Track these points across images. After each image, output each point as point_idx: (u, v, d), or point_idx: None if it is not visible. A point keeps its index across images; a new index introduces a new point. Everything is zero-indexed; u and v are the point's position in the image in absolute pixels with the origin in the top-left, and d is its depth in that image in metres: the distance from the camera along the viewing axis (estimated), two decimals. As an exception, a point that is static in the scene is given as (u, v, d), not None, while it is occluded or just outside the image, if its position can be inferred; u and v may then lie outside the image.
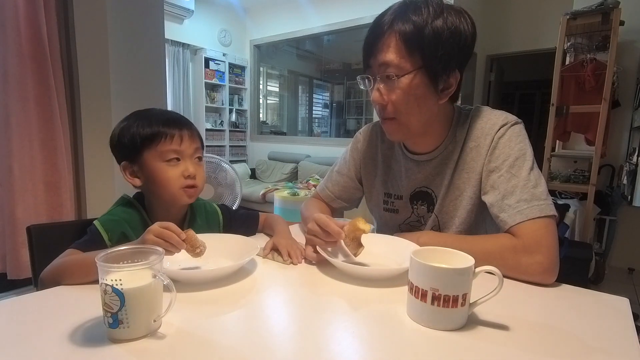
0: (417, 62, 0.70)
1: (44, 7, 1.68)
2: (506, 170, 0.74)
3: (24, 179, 1.70)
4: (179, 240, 0.62)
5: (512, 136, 0.76)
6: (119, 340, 0.47)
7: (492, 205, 0.74)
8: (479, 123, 0.80)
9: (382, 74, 0.72)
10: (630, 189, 2.71)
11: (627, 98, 2.97)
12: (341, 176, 1.01)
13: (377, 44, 0.72)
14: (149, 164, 0.77)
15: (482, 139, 0.78)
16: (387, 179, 0.94)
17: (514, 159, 0.74)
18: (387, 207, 0.94)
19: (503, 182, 0.73)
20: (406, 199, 0.89)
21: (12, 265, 1.72)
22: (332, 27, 4.53)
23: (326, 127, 7.11)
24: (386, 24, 0.71)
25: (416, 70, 0.70)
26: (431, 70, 0.70)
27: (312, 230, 0.75)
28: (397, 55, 0.70)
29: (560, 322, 0.55)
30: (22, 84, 1.67)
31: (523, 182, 0.71)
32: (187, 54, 4.74)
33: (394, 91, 0.72)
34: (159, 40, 2.03)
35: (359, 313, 0.58)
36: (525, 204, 0.69)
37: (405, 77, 0.70)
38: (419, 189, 0.87)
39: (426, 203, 0.87)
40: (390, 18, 0.70)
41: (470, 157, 0.79)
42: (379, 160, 0.95)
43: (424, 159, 0.85)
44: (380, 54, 0.71)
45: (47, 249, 0.81)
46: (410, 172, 0.88)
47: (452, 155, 0.82)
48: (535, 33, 4.12)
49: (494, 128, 0.77)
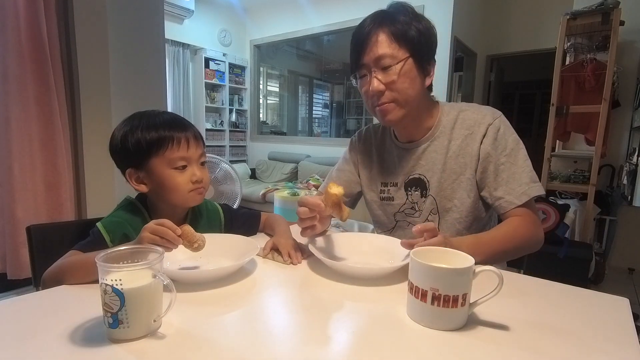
0: (407, 52, 0.83)
1: (44, 7, 1.68)
2: (506, 159, 0.86)
3: (24, 179, 1.70)
4: (174, 236, 0.62)
5: (505, 128, 0.88)
6: (119, 340, 0.47)
7: (495, 189, 0.86)
8: (467, 113, 0.92)
9: (379, 66, 0.84)
10: (630, 189, 2.71)
11: (627, 98, 2.97)
12: (342, 172, 1.08)
13: (369, 43, 0.84)
14: (157, 171, 0.76)
15: (476, 127, 0.89)
16: (381, 170, 1.02)
17: (510, 150, 0.86)
18: (384, 196, 1.01)
19: (504, 169, 0.86)
20: (401, 185, 0.97)
21: (12, 265, 1.72)
22: (332, 27, 4.52)
23: (326, 127, 7.11)
24: (372, 27, 0.84)
25: (407, 58, 0.83)
26: (418, 58, 0.85)
27: (298, 212, 0.80)
28: (390, 48, 0.83)
29: (560, 322, 0.55)
30: (22, 84, 1.66)
31: (521, 168, 0.85)
32: (187, 54, 4.74)
33: (391, 77, 0.84)
34: (159, 40, 2.03)
35: (359, 313, 0.58)
36: (526, 186, 0.84)
37: (399, 64, 0.83)
38: (412, 175, 0.95)
39: (419, 189, 0.95)
40: (375, 23, 0.84)
41: (465, 143, 0.90)
42: (373, 154, 1.04)
43: (414, 146, 0.95)
44: (374, 50, 0.83)
45: (47, 249, 0.81)
46: (402, 160, 0.97)
47: (442, 141, 0.92)
48: (535, 33, 4.12)
49: (486, 119, 0.89)
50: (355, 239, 0.86)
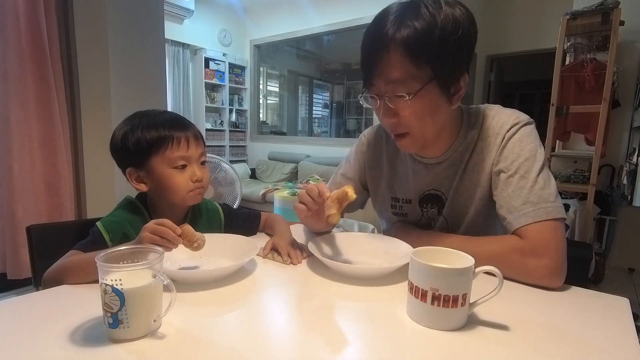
0: (427, 74, 0.65)
1: (44, 7, 1.68)
2: (515, 171, 0.72)
3: (24, 179, 1.70)
4: (174, 235, 0.62)
5: (522, 136, 0.73)
6: (119, 340, 0.47)
7: (500, 206, 0.73)
8: (489, 122, 0.77)
9: (391, 93, 0.67)
10: (630, 189, 2.71)
11: (627, 98, 2.97)
12: (347, 180, 0.98)
13: (380, 62, 0.66)
14: (157, 170, 0.76)
15: (493, 139, 0.75)
16: (393, 181, 0.91)
17: (523, 160, 0.72)
18: (396, 212, 0.92)
19: (511, 183, 0.72)
20: (415, 202, 0.87)
21: (12, 265, 1.72)
22: (332, 27, 4.52)
23: (326, 127, 7.11)
24: (386, 34, 0.64)
25: (426, 83, 0.65)
26: (442, 79, 0.66)
27: (301, 195, 0.76)
28: (404, 73, 0.65)
29: (560, 322, 0.55)
30: (22, 84, 1.67)
31: (531, 183, 0.70)
32: (187, 54, 4.74)
33: (406, 110, 0.68)
34: (159, 40, 2.03)
35: (359, 313, 0.58)
36: (532, 206, 0.68)
37: (416, 95, 0.66)
38: (428, 191, 0.85)
39: (436, 206, 0.84)
40: (389, 26, 0.64)
41: (480, 158, 0.77)
42: (384, 162, 0.92)
43: (434, 162, 0.82)
44: (385, 73, 0.66)
45: (47, 249, 0.81)
46: (418, 175, 0.85)
47: (462, 157, 0.79)
48: (535, 33, 4.12)
49: (505, 127, 0.75)
50: (355, 239, 0.86)
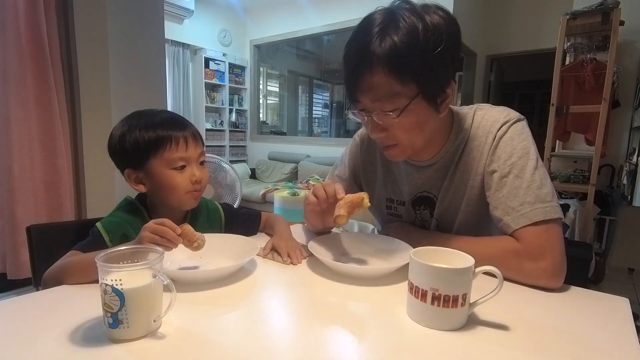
0: (412, 90, 0.64)
1: (44, 7, 1.68)
2: (509, 170, 0.70)
3: (24, 179, 1.70)
4: (174, 235, 0.62)
5: (514, 134, 0.72)
6: (119, 340, 0.47)
7: (494, 207, 0.71)
8: (479, 121, 0.76)
9: (378, 110, 0.67)
10: (630, 189, 2.71)
11: (627, 98, 2.97)
12: (341, 180, 0.97)
13: (364, 80, 0.65)
14: (155, 171, 0.76)
15: (484, 138, 0.74)
16: (387, 182, 0.92)
17: (516, 158, 0.70)
18: (391, 212, 0.92)
19: (506, 183, 0.70)
20: (408, 204, 0.87)
21: (12, 265, 1.72)
22: (332, 27, 4.52)
23: (326, 127, 7.10)
24: (368, 50, 0.62)
25: (412, 98, 0.65)
26: (428, 93, 0.66)
27: (316, 187, 0.76)
28: (389, 91, 0.64)
29: (560, 322, 0.55)
30: (22, 84, 1.66)
31: (527, 183, 0.68)
32: (187, 54, 4.74)
33: (394, 125, 0.68)
34: (159, 40, 2.03)
35: (359, 313, 0.58)
36: (529, 206, 0.67)
37: (404, 111, 0.65)
38: (420, 193, 0.85)
39: (428, 207, 0.85)
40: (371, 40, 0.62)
41: (471, 158, 0.76)
42: (378, 164, 0.93)
43: (425, 164, 0.82)
44: (370, 92, 0.65)
45: (47, 249, 0.81)
46: (410, 178, 0.85)
47: (453, 158, 0.79)
48: (535, 33, 4.12)
49: (495, 125, 0.73)
50: (355, 239, 0.86)
